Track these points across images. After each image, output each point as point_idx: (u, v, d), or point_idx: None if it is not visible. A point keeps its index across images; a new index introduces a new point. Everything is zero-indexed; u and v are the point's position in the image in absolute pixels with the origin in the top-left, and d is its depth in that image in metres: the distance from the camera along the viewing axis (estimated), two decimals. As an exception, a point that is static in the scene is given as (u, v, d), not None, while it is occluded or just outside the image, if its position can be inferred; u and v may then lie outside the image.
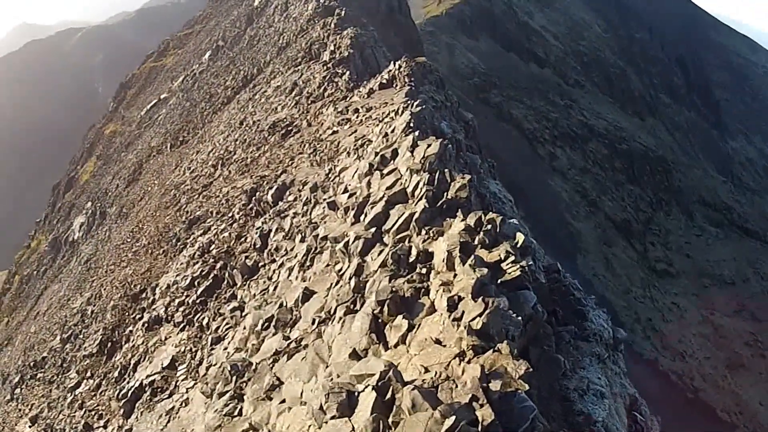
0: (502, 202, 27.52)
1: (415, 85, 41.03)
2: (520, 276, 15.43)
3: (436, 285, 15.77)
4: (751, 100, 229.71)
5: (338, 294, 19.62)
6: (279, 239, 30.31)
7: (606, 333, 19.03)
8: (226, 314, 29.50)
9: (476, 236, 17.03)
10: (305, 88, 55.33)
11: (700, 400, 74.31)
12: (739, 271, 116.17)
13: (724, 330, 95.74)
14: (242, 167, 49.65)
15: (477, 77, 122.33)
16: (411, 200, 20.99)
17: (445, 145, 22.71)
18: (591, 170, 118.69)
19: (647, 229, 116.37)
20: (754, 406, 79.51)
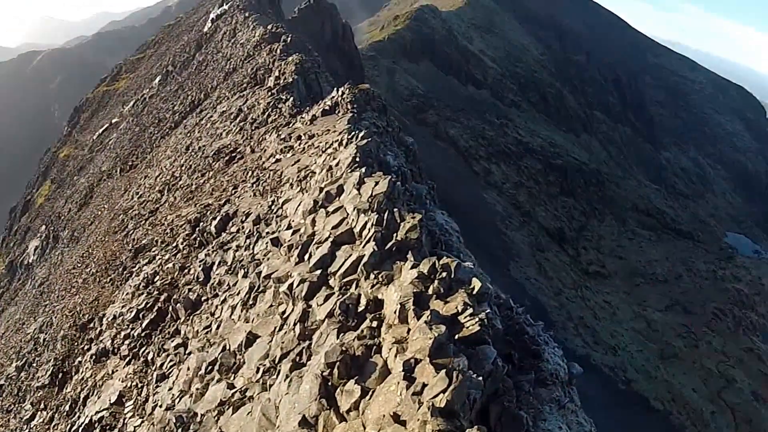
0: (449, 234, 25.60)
1: (358, 112, 39.15)
2: (480, 331, 13.70)
3: (389, 342, 13.97)
4: (686, 114, 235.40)
5: (283, 341, 17.90)
6: (222, 273, 28.02)
7: (562, 371, 17.70)
8: (170, 350, 27.14)
9: (430, 285, 15.23)
10: (249, 114, 53.18)
11: (633, 391, 73.68)
12: (672, 269, 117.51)
13: (657, 324, 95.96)
14: (187, 194, 47.28)
15: (415, 98, 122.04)
16: (358, 241, 19.09)
17: (394, 183, 20.73)
18: (525, 184, 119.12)
19: (580, 235, 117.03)
20: (687, 393, 79.01)
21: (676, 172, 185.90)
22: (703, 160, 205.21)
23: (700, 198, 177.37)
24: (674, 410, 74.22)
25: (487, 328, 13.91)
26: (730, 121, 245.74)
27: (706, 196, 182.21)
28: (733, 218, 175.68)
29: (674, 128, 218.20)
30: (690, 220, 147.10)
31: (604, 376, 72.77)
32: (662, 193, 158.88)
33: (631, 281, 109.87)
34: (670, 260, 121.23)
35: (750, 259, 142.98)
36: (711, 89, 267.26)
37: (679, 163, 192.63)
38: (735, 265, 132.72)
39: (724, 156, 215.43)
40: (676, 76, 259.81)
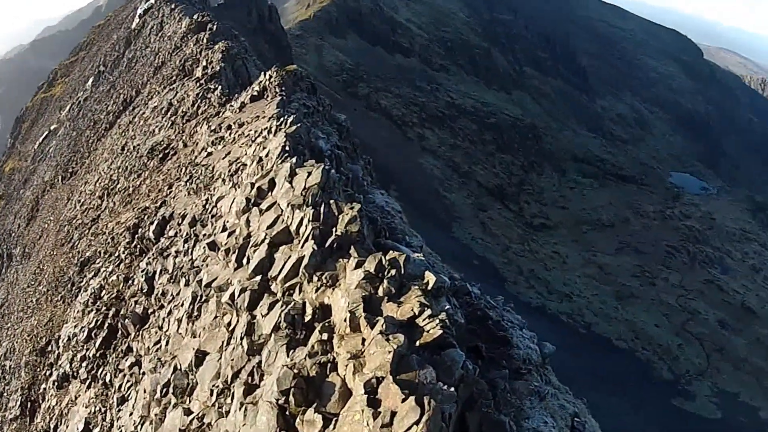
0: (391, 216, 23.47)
1: (287, 94, 36.64)
2: (442, 334, 11.73)
3: (344, 357, 11.97)
4: (619, 62, 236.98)
5: (232, 358, 15.82)
6: (164, 282, 25.65)
7: (534, 354, 16.60)
8: (125, 370, 24.79)
9: (379, 285, 13.16)
10: (180, 107, 50.46)
11: (595, 334, 72.69)
12: (618, 213, 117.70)
13: (609, 267, 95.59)
14: (125, 198, 44.66)
15: (345, 73, 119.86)
16: (296, 240, 16.82)
17: (327, 171, 18.40)
18: (461, 145, 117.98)
19: (521, 190, 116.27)
20: (650, 330, 78.35)
21: (613, 119, 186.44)
22: (639, 104, 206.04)
23: (640, 142, 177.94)
24: (639, 347, 73.71)
25: (450, 329, 12.02)
26: (664, 64, 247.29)
27: (646, 139, 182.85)
28: (676, 158, 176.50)
29: (608, 77, 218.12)
30: (632, 165, 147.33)
31: (562, 323, 71.91)
32: (600, 140, 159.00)
33: (578, 229, 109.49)
34: (615, 205, 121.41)
35: (698, 197, 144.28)
36: (642, 36, 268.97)
37: (615, 110, 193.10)
38: (683, 203, 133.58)
39: (660, 99, 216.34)
40: (606, 26, 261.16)
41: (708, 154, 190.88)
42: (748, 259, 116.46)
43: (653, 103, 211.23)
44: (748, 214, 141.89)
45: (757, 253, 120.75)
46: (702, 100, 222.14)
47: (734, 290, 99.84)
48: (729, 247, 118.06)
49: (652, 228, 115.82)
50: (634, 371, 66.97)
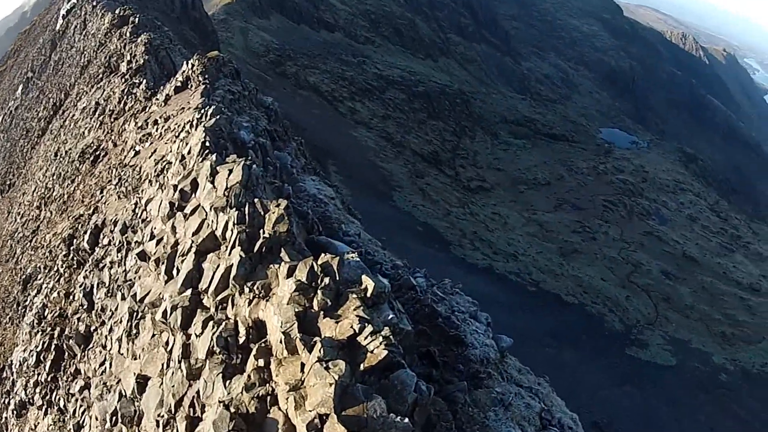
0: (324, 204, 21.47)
1: (210, 82, 34.27)
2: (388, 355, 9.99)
3: (284, 390, 10.18)
4: (540, 23, 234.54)
5: (173, 384, 14.05)
6: (102, 297, 23.44)
7: (492, 351, 14.80)
8: (76, 394, 22.69)
9: (314, 298, 11.28)
10: (107, 106, 47.58)
11: (543, 290, 71.74)
12: (552, 171, 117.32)
13: (550, 225, 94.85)
14: (61, 206, 42.03)
15: (272, 53, 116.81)
16: (224, 246, 14.84)
17: (249, 167, 16.30)
18: (392, 116, 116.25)
19: (455, 155, 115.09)
20: (597, 283, 77.74)
21: (539, 80, 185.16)
22: (564, 64, 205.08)
23: (568, 100, 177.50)
24: (589, 301, 72.97)
25: (396, 347, 10.29)
26: (586, 23, 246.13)
27: (573, 97, 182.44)
28: (604, 115, 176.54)
29: (531, 38, 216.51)
30: (561, 123, 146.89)
31: (511, 282, 70.75)
32: (529, 101, 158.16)
33: (515, 189, 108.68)
34: (548, 164, 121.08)
35: (629, 151, 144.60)
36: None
37: (540, 71, 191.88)
38: (615, 158, 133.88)
39: (585, 57, 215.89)
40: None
41: (635, 110, 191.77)
42: (684, 209, 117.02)
43: (578, 62, 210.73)
44: (680, 165, 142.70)
45: (692, 203, 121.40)
46: (625, 56, 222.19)
47: (674, 240, 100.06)
48: (664, 198, 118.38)
49: (587, 184, 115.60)
50: (586, 325, 66.24)
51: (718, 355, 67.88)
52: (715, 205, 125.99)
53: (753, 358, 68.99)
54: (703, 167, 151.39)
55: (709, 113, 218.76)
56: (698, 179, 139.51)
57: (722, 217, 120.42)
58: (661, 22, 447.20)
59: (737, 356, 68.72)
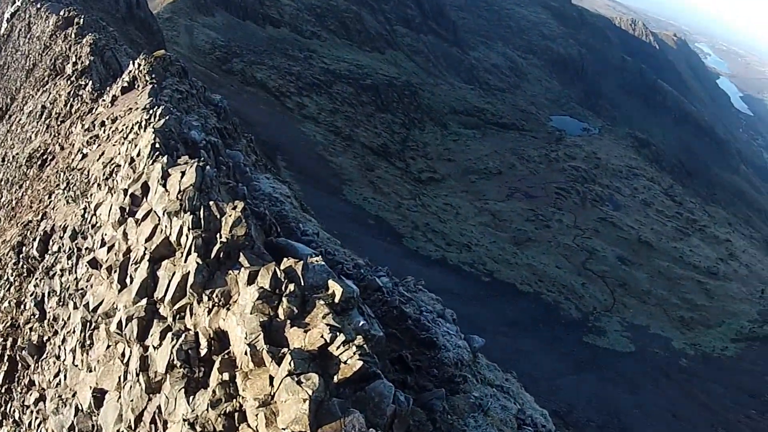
0: (280, 203, 20.71)
1: (158, 81, 33.21)
2: (363, 366, 9.34)
3: (252, 405, 9.46)
4: (488, 13, 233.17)
5: (131, 398, 13.16)
6: (54, 306, 22.37)
7: (465, 352, 14.33)
8: (31, 406, 21.56)
9: (278, 306, 10.59)
10: (53, 109, 46.32)
11: (498, 280, 71.39)
12: (503, 160, 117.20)
13: (502, 214, 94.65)
14: (9, 212, 40.64)
15: (218, 51, 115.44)
16: (179, 253, 14.00)
17: (203, 169, 15.46)
18: (340, 110, 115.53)
19: (405, 147, 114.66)
20: (552, 271, 77.62)
21: (487, 69, 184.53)
22: (512, 53, 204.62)
23: (517, 89, 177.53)
24: (544, 290, 72.76)
25: (371, 356, 9.64)
26: (534, 11, 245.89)
27: (522, 86, 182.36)
28: (554, 102, 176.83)
29: (478, 28, 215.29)
30: (511, 112, 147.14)
31: (465, 273, 70.31)
32: (478, 91, 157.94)
33: (466, 179, 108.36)
34: (499, 153, 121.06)
35: (580, 137, 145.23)
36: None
37: (489, 60, 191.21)
38: (566, 145, 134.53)
39: (533, 45, 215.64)
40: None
41: (585, 96, 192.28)
42: (638, 194, 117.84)
43: (526, 50, 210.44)
44: (632, 151, 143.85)
45: (646, 187, 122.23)
46: (574, 43, 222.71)
47: (629, 225, 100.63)
48: (618, 184, 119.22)
49: (539, 172, 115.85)
50: (543, 313, 66.09)
51: (677, 340, 68.11)
52: (669, 189, 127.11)
53: (713, 342, 69.36)
54: (655, 152, 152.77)
55: (661, 98, 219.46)
56: (651, 164, 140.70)
57: (677, 201, 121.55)
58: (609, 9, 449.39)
59: (697, 340, 69.02)
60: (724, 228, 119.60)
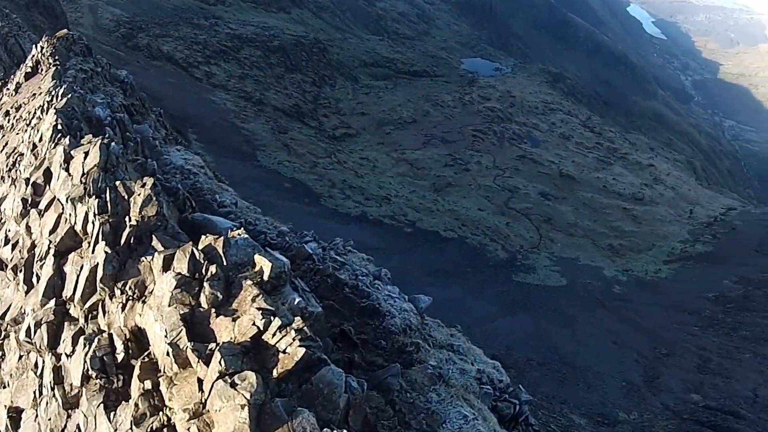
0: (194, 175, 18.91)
1: (61, 63, 31.03)
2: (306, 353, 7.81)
3: (182, 418, 7.89)
4: None
5: (49, 417, 11.30)
6: (-37, 313, 20.08)
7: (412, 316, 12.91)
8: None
9: (200, 293, 9.01)
10: (-46, 105, 43.16)
11: (420, 230, 69.93)
12: (417, 108, 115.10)
13: (420, 162, 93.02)
14: None
15: (123, 27, 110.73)
16: (86, 242, 12.21)
17: (107, 146, 13.60)
18: (249, 74, 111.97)
19: (317, 105, 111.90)
20: (474, 215, 76.59)
21: (395, 19, 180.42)
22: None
23: (426, 36, 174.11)
24: (468, 234, 71.08)
25: (313, 339, 8.14)
26: None
27: (431, 32, 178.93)
28: (464, 45, 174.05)
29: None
30: (422, 60, 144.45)
31: (387, 226, 68.35)
32: (386, 42, 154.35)
33: (381, 131, 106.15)
34: (412, 101, 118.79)
35: (493, 78, 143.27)
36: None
37: (395, 9, 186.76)
38: (479, 87, 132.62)
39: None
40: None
41: (496, 37, 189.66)
42: (556, 128, 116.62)
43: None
44: (546, 87, 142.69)
45: (563, 121, 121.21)
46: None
47: (549, 160, 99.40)
48: (535, 120, 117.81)
49: (454, 116, 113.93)
50: (469, 257, 64.34)
51: (608, 268, 67.62)
52: (587, 121, 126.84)
53: (645, 266, 69.13)
54: (570, 85, 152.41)
55: (572, 31, 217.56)
56: (567, 97, 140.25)
57: (596, 132, 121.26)
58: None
59: (629, 266, 68.72)
60: (646, 153, 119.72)
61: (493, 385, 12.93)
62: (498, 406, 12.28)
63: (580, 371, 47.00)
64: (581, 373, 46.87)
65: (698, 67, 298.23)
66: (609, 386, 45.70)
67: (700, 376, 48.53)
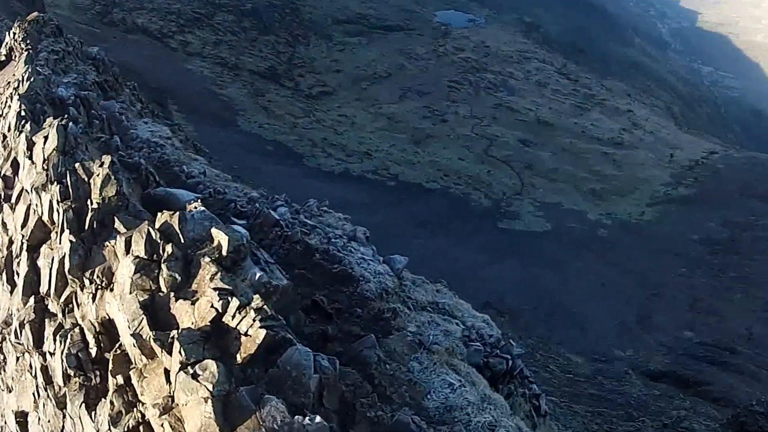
0: (161, 147, 18.19)
1: (33, 46, 30.09)
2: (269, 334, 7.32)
3: (155, 414, 7.38)
4: None
5: (48, 419, 10.98)
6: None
7: (388, 278, 12.14)
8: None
9: (158, 275, 8.51)
10: (-65, 98, 42.02)
11: (403, 183, 69.61)
12: (392, 63, 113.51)
13: (398, 116, 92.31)
14: None
15: (98, 4, 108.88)
16: (53, 233, 11.69)
17: (65, 127, 12.96)
18: (224, 40, 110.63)
19: (292, 66, 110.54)
20: (456, 164, 76.24)
21: None
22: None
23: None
24: (451, 184, 70.78)
25: (276, 319, 7.62)
26: None
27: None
28: None
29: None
30: (395, 13, 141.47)
31: (370, 181, 68.06)
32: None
33: (357, 87, 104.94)
34: (387, 56, 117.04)
35: (467, 29, 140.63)
36: None
37: None
38: (453, 38, 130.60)
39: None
40: None
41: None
42: (532, 76, 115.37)
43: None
44: (521, 36, 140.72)
45: (539, 69, 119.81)
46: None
47: (526, 108, 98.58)
48: (510, 69, 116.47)
49: (429, 69, 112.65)
50: (453, 207, 64.17)
51: (592, 212, 67.41)
52: (563, 69, 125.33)
53: (628, 209, 68.88)
54: (545, 34, 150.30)
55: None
56: (542, 46, 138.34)
57: (572, 79, 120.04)
58: None
59: (612, 209, 68.49)
60: (623, 99, 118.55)
61: (483, 341, 12.41)
62: (490, 363, 11.78)
63: (573, 314, 47.18)
64: (574, 315, 47.06)
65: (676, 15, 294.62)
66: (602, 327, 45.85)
67: (692, 315, 48.75)
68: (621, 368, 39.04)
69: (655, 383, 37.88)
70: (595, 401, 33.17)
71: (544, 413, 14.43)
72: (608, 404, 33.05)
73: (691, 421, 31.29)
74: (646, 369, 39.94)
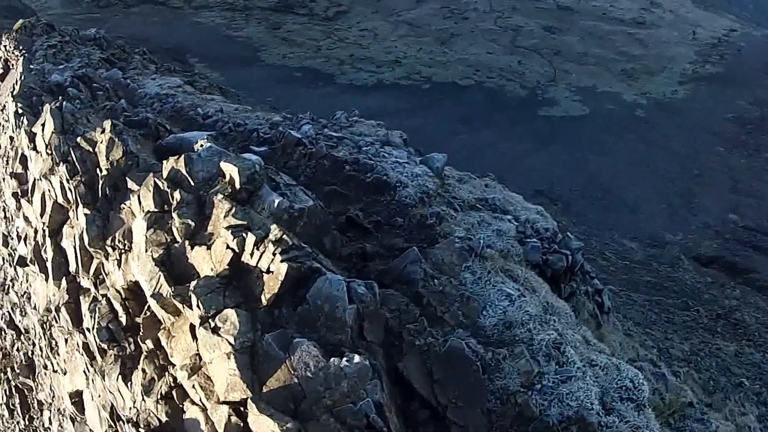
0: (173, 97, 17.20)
1: (28, 50, 29.70)
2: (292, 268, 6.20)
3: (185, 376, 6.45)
4: None
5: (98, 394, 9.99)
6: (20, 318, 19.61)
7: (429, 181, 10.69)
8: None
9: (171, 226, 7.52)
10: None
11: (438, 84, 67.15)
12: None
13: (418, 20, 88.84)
14: None
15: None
16: (71, 212, 10.89)
17: (59, 108, 12.11)
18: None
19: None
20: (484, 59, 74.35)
21: None
22: None
23: None
24: (484, 78, 68.66)
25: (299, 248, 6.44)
26: None
27: None
28: None
29: None
30: None
31: (404, 87, 66.32)
32: None
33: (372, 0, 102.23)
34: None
35: None
36: None
37: None
38: None
39: None
40: None
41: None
42: None
43: None
44: None
45: None
46: None
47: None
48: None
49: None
50: (491, 100, 62.45)
51: (627, 92, 65.22)
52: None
53: (661, 88, 66.45)
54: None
55: None
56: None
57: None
58: None
59: (645, 89, 66.12)
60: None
61: (540, 236, 11.04)
62: (549, 260, 10.46)
63: (621, 197, 45.79)
64: (622, 198, 45.68)
65: None
66: (651, 209, 44.45)
67: (734, 197, 47.18)
68: (673, 253, 37.93)
69: (706, 269, 36.81)
70: (652, 289, 32.22)
71: (607, 310, 13.20)
72: (664, 292, 32.11)
73: (742, 313, 30.34)
74: (697, 254, 38.79)
